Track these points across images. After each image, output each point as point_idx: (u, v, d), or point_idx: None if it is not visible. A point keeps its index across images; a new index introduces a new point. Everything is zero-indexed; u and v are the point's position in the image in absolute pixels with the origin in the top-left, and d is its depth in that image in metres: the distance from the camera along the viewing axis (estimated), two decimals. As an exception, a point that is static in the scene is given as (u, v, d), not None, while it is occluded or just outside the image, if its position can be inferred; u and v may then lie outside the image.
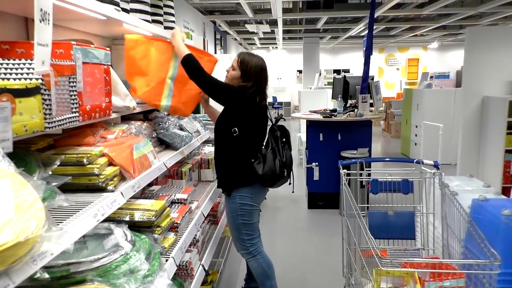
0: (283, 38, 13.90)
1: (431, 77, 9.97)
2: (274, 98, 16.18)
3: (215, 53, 8.84)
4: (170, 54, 2.44)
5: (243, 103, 2.43)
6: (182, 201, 2.12)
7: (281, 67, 17.66)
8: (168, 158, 2.21)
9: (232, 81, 2.50)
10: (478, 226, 1.97)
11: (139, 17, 2.52)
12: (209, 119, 3.77)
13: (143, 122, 2.36)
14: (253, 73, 2.48)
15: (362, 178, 2.43)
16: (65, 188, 1.58)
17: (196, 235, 2.29)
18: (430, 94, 7.30)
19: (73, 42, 1.58)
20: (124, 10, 2.27)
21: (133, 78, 2.28)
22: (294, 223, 4.53)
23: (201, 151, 3.21)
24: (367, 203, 2.62)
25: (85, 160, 1.57)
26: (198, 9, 7.67)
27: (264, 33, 11.74)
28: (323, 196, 4.79)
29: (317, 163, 4.67)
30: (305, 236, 4.15)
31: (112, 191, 1.60)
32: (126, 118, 2.44)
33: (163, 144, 2.55)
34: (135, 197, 2.04)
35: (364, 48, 5.04)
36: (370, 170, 2.55)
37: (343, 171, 2.42)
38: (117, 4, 2.00)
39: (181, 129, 2.99)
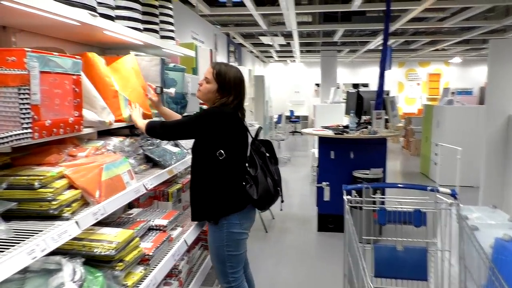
0: (301, 51, 13.71)
1: (453, 93, 9.56)
2: (291, 112, 15.95)
3: (228, 65, 8.68)
4: (105, 71, 2.22)
5: (227, 123, 2.15)
6: (161, 228, 1.88)
7: (299, 80, 17.44)
8: (150, 178, 2.00)
9: (207, 95, 2.24)
10: (501, 271, 1.66)
11: (127, 25, 2.34)
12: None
13: (125, 138, 2.15)
14: (232, 86, 2.22)
15: (368, 206, 2.15)
16: (15, 214, 1.38)
17: (178, 265, 2.05)
18: (452, 111, 6.92)
19: (27, 49, 1.38)
20: (107, 16, 2.10)
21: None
22: (302, 247, 4.24)
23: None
24: (380, 234, 2.33)
25: (36, 183, 1.36)
26: (211, 22, 7.56)
27: (281, 45, 11.58)
28: (334, 219, 4.48)
29: (328, 183, 4.39)
30: (313, 263, 3.85)
31: (68, 219, 1.38)
32: (111, 133, 2.25)
33: (151, 161, 2.34)
34: (106, 222, 1.82)
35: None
36: (379, 197, 2.26)
37: (346, 197, 2.16)
38: (92, 9, 1.81)
39: (176, 145, 2.78)
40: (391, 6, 4.83)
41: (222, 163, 2.08)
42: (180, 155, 2.56)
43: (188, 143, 2.83)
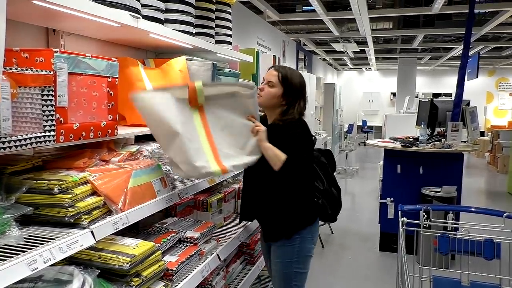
0: (377, 59, 13.14)
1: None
2: (364, 122, 15.33)
3: (297, 72, 8.52)
4: (138, 75, 2.15)
5: (309, 135, 2.04)
6: (192, 240, 1.77)
7: (373, 89, 16.73)
8: (187, 187, 1.91)
9: (271, 101, 2.02)
10: None
11: (178, 28, 2.30)
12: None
13: (166, 144, 2.09)
14: (299, 90, 2.04)
15: (427, 231, 1.86)
16: (36, 220, 1.36)
17: (212, 281, 1.93)
18: (547, 125, 6.09)
19: (55, 50, 1.35)
20: (155, 19, 2.07)
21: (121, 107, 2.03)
22: (360, 266, 3.92)
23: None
24: (447, 267, 2.02)
25: (55, 189, 1.32)
26: (281, 29, 7.48)
27: (355, 52, 11.17)
28: (397, 238, 4.09)
29: (392, 199, 4.03)
30: (372, 285, 3.53)
31: (84, 227, 1.32)
32: (152, 138, 2.21)
33: (193, 169, 2.26)
34: (135, 232, 1.76)
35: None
36: (439, 221, 1.97)
37: (402, 220, 1.90)
38: (134, 11, 1.77)
39: (223, 152, 2.68)
40: (475, 8, 4.36)
41: (297, 175, 1.93)
42: (226, 163, 2.46)
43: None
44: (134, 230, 1.80)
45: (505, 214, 1.80)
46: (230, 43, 3.07)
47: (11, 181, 1.36)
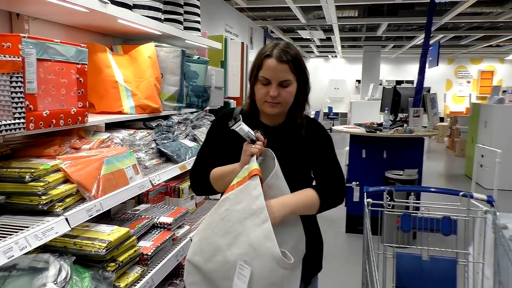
0: (342, 46, 13.35)
1: (504, 91, 8.91)
2: (330, 109, 15.62)
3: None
4: (106, 61, 2.13)
5: None
6: (165, 226, 1.80)
7: (339, 77, 17.02)
8: (159, 174, 1.92)
9: (289, 105, 1.48)
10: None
11: (146, 14, 2.28)
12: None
13: (137, 131, 2.09)
14: (306, 71, 1.51)
15: (389, 211, 1.97)
16: (7, 208, 1.35)
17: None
18: (501, 111, 6.43)
19: (22, 35, 1.33)
20: (123, 5, 2.04)
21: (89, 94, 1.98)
22: (329, 248, 4.03)
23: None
24: (409, 243, 2.14)
25: (27, 177, 1.31)
26: (249, 16, 7.46)
27: (321, 40, 11.31)
28: (363, 219, 4.27)
29: (357, 183, 4.18)
30: (340, 265, 3.67)
31: (59, 215, 1.32)
32: (125, 126, 2.20)
33: (164, 156, 2.27)
34: (109, 219, 1.77)
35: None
36: (400, 201, 2.08)
37: (367, 201, 1.99)
38: (102, -4, 1.75)
39: (194, 139, 2.70)
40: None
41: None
42: (196, 149, 2.48)
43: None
44: (106, 218, 1.81)
45: (461, 193, 1.93)
46: (198, 29, 3.06)
47: (-21, 170, 1.34)
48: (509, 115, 6.36)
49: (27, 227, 1.23)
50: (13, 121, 1.29)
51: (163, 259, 1.68)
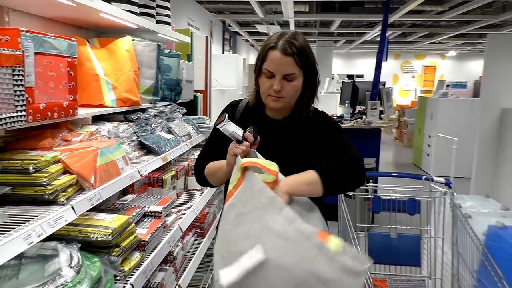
0: (296, 41, 13.63)
1: (447, 85, 9.60)
2: (285, 102, 15.91)
3: (223, 53, 8.63)
4: (87, 54, 2.17)
5: None
6: (156, 214, 1.88)
7: (293, 71, 17.37)
8: (145, 165, 1.98)
9: (295, 97, 1.47)
10: (494, 257, 1.68)
11: (123, 8, 2.30)
12: (205, 122, 3.55)
13: (120, 124, 2.13)
14: (315, 62, 1.49)
15: (362, 195, 2.16)
16: (10, 199, 1.37)
17: (173, 251, 2.05)
18: (446, 104, 6.96)
19: (22, 29, 1.35)
20: (103, -2, 2.06)
21: None
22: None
23: (190, 157, 2.97)
24: (372, 223, 2.35)
25: (31, 168, 1.34)
26: (207, 9, 7.47)
27: (276, 35, 11.50)
28: (328, 207, 4.50)
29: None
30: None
31: (63, 204, 1.36)
32: (105, 118, 2.23)
33: (145, 148, 2.32)
34: (101, 208, 1.81)
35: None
36: (373, 186, 2.27)
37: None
38: (89, -10, 1.77)
39: (170, 132, 2.76)
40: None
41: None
42: (174, 142, 2.55)
43: (182, 131, 2.81)
44: (97, 209, 1.85)
45: (423, 177, 2.15)
46: (169, 23, 3.10)
47: (-21, 163, 1.35)
48: (452, 108, 6.89)
49: (36, 216, 1.26)
50: (15, 114, 1.32)
51: (158, 245, 1.76)
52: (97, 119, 2.14)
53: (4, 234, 1.11)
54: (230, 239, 1.21)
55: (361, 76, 15.85)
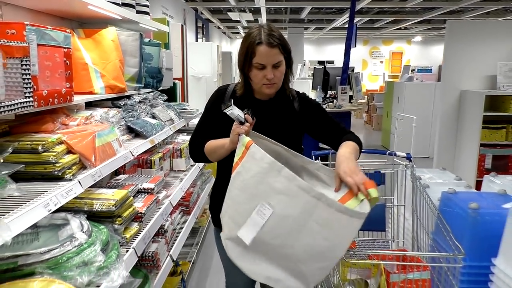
0: (268, 28, 13.78)
1: (413, 70, 10.03)
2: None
3: (196, 40, 8.71)
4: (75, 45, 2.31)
5: None
6: (149, 190, 2.06)
7: (265, 57, 17.52)
8: (136, 147, 2.15)
9: (282, 82, 1.70)
10: (446, 219, 1.96)
11: None
12: (186, 108, 3.71)
13: (110, 109, 2.28)
14: (291, 51, 1.72)
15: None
16: (19, 177, 1.52)
17: (164, 225, 2.24)
18: (411, 87, 7.33)
19: (26, 23, 1.49)
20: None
21: None
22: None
23: (174, 140, 3.14)
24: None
25: (40, 148, 1.50)
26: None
27: (248, 22, 11.62)
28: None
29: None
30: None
31: (70, 180, 1.53)
32: (93, 105, 2.37)
33: (133, 132, 2.48)
34: (98, 186, 1.98)
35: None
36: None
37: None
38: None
39: (153, 117, 2.91)
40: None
41: None
42: (159, 126, 2.71)
43: (165, 116, 2.97)
44: (94, 186, 2.01)
45: (387, 152, 2.41)
46: (148, 13, 3.23)
47: (-8, 145, 1.49)
48: (417, 91, 7.27)
49: (46, 191, 1.43)
50: (24, 100, 1.46)
51: (152, 217, 1.95)
52: (88, 105, 2.28)
53: (25, 203, 1.28)
54: (239, 201, 1.39)
55: (331, 62, 16.18)
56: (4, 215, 1.18)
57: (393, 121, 7.71)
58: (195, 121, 3.65)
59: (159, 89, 3.32)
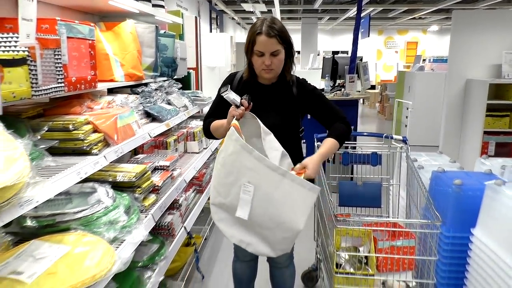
0: (282, 19, 13.90)
1: (424, 60, 10.04)
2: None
3: (210, 31, 8.91)
4: (97, 35, 2.51)
5: None
6: (165, 167, 2.29)
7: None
8: (152, 129, 2.38)
9: (281, 68, 1.91)
10: (435, 196, 2.15)
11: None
12: (199, 95, 3.93)
13: (129, 95, 2.51)
14: (292, 43, 1.92)
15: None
16: (53, 152, 1.76)
17: (178, 200, 2.48)
18: (421, 77, 7.40)
19: (57, 18, 1.72)
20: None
21: None
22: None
23: (188, 125, 3.38)
24: (351, 173, 2.79)
25: (71, 126, 1.74)
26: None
27: (262, 12, 11.76)
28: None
29: (304, 141, 4.83)
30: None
31: (96, 154, 1.76)
32: (114, 91, 2.61)
33: (150, 117, 2.71)
34: (121, 161, 2.22)
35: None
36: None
37: (317, 144, 2.60)
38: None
39: (169, 103, 3.14)
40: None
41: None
42: (174, 111, 2.94)
43: (179, 102, 3.20)
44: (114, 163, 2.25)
45: (384, 135, 2.59)
46: (163, 6, 3.44)
47: (31, 124, 1.74)
48: (427, 80, 7.35)
49: (76, 163, 1.67)
50: (57, 85, 1.70)
51: (168, 191, 2.19)
52: (109, 92, 2.52)
53: (61, 171, 1.52)
54: (220, 175, 1.71)
55: (345, 52, 16.20)
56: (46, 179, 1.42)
57: (404, 110, 7.80)
58: (207, 108, 3.89)
59: (174, 77, 3.54)
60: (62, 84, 1.74)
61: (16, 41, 1.44)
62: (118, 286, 1.68)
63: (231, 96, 1.78)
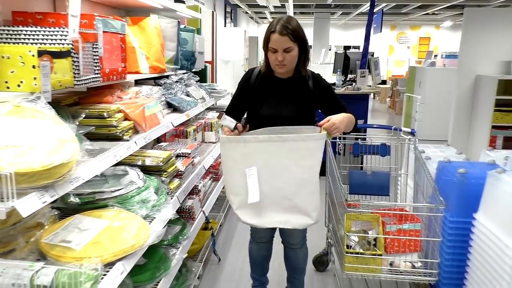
0: (294, 13, 13.97)
1: (435, 55, 10.07)
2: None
3: (225, 26, 9.05)
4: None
5: None
6: (186, 155, 2.46)
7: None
8: (175, 119, 2.54)
9: (294, 64, 2.06)
10: (441, 184, 2.29)
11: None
12: (216, 88, 4.09)
13: (153, 87, 2.68)
14: (305, 36, 2.06)
15: (345, 142, 2.74)
16: (90, 137, 1.93)
17: (198, 185, 2.65)
18: (432, 72, 7.47)
19: (95, 14, 1.88)
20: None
21: None
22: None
23: (205, 116, 3.54)
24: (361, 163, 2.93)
25: (105, 114, 1.90)
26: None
27: (275, 7, 11.85)
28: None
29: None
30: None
31: (127, 140, 1.93)
32: (139, 82, 2.77)
33: (171, 107, 2.88)
34: (146, 148, 2.39)
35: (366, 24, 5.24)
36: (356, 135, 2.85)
37: (329, 135, 2.74)
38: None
39: (188, 95, 3.31)
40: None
41: None
42: (193, 103, 3.10)
43: (197, 94, 3.36)
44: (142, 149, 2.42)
45: (393, 127, 2.73)
46: (184, 1, 3.59)
47: (69, 111, 1.91)
48: (438, 76, 7.41)
49: (112, 147, 1.83)
50: (94, 76, 1.87)
51: (190, 176, 2.36)
52: (135, 83, 2.69)
53: (99, 154, 1.69)
54: (227, 180, 1.98)
55: (357, 47, 16.21)
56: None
57: (415, 105, 7.88)
58: (223, 100, 4.05)
59: (192, 70, 3.70)
60: (99, 75, 1.90)
61: (62, 35, 1.60)
62: (147, 260, 1.86)
63: (225, 122, 2.01)
